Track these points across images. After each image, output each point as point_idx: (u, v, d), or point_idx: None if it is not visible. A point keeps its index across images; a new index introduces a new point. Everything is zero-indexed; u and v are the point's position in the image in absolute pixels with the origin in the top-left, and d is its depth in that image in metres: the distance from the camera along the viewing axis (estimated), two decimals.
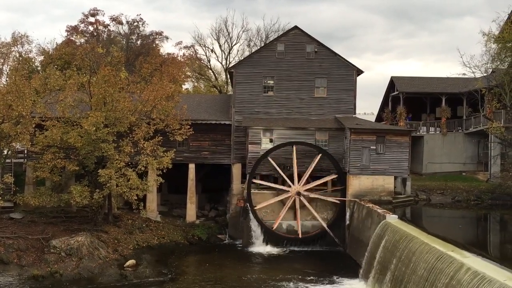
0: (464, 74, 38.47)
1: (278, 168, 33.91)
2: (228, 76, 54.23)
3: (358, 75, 37.69)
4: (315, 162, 33.84)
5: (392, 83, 46.37)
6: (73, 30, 55.23)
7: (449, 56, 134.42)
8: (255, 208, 33.98)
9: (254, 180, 34.44)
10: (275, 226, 33.87)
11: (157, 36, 59.14)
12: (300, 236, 33.97)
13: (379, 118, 49.71)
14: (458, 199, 35.82)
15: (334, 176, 34.29)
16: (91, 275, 26.77)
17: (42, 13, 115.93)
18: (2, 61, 30.70)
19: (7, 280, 25.72)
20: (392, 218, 26.29)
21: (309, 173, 33.98)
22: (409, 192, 35.25)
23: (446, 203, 35.30)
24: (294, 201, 34.10)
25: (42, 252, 28.30)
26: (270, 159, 33.93)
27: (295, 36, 37.09)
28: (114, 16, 56.01)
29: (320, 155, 33.94)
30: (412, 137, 35.88)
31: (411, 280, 20.65)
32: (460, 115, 43.93)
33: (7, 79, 30.59)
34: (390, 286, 22.74)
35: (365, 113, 70.28)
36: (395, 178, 34.52)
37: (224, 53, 62.00)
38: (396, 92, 44.93)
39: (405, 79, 46.58)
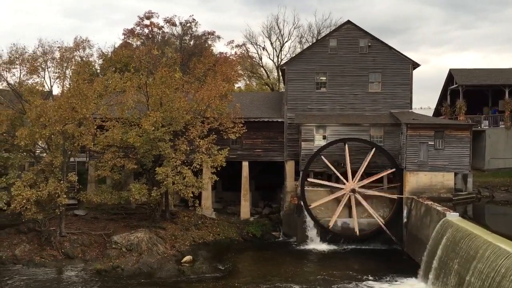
0: None
1: (331, 166, 33.49)
2: (280, 73, 54.22)
3: (414, 68, 36.56)
4: (369, 158, 33.14)
5: (451, 76, 44.60)
6: (130, 33, 57.16)
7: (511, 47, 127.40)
8: (309, 205, 33.77)
9: (308, 179, 34.18)
10: (331, 225, 33.49)
11: (209, 36, 60.05)
12: (356, 234, 33.40)
13: (437, 113, 47.97)
14: None
15: (389, 171, 33.41)
16: (150, 270, 27.65)
17: (102, 18, 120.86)
18: (65, 65, 32.23)
19: (73, 274, 27.09)
20: (452, 216, 25.34)
21: (363, 169, 33.34)
22: (471, 189, 33.80)
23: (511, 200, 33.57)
24: (349, 198, 33.59)
25: (104, 247, 29.59)
26: (323, 157, 33.59)
27: (348, 31, 36.49)
28: (168, 18, 57.48)
29: (374, 149, 33.19)
30: (473, 131, 34.35)
31: (474, 281, 19.82)
32: None
33: (70, 82, 32.08)
34: (451, 286, 21.94)
35: (421, 108, 68.02)
36: (455, 174, 33.19)
37: (276, 51, 62.11)
38: (455, 85, 43.18)
39: (464, 71, 44.65)
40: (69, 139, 29.92)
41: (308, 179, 34.15)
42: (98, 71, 48.79)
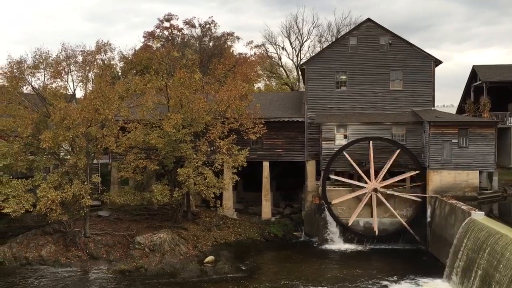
0: None
1: (354, 164, 33.19)
2: (300, 73, 54.06)
3: (436, 65, 36.02)
4: (393, 158, 32.77)
5: (474, 73, 43.82)
6: (150, 35, 57.67)
7: None
8: (331, 205, 33.56)
9: (331, 176, 33.91)
10: (350, 222, 33.21)
11: (228, 37, 60.18)
12: (377, 233, 33.07)
13: (460, 110, 47.19)
14: None
15: (413, 173, 33.00)
16: (173, 270, 27.85)
17: (123, 22, 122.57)
18: (88, 68, 32.75)
19: (98, 274, 27.47)
20: (478, 215, 24.90)
21: (386, 169, 32.97)
22: (496, 187, 33.18)
23: None
24: (371, 198, 33.27)
25: (127, 247, 29.93)
26: (346, 154, 33.27)
27: (368, 29, 36.16)
28: (187, 20, 57.80)
29: (398, 150, 32.82)
30: (498, 128, 33.65)
31: (501, 281, 19.42)
32: None
33: (93, 85, 32.57)
34: (477, 286, 21.53)
35: (444, 105, 67.07)
36: (480, 172, 32.58)
37: (295, 50, 61.95)
38: (478, 82, 42.40)
39: (488, 67, 43.81)
40: (92, 141, 30.37)
41: (331, 176, 33.85)
42: (120, 73, 49.39)
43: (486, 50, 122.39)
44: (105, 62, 34.58)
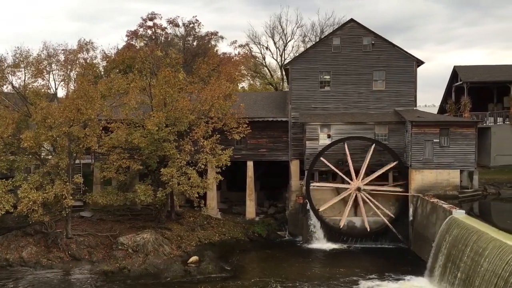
0: None
1: (333, 167, 33.44)
2: (284, 72, 54.18)
3: (418, 66, 36.45)
4: (370, 155, 33.01)
5: (455, 73, 44.46)
6: (133, 34, 57.19)
7: None
8: (318, 209, 33.73)
9: (313, 184, 34.05)
10: (341, 225, 33.42)
11: (212, 36, 60.00)
12: (361, 232, 33.35)
13: (441, 110, 47.84)
14: None
15: (393, 165, 33.24)
16: (157, 271, 27.70)
17: (109, 21, 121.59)
18: (69, 67, 32.38)
19: (80, 275, 27.18)
20: (459, 213, 25.30)
21: (365, 166, 33.22)
22: (477, 186, 33.75)
23: None
24: (355, 197, 33.55)
25: (110, 248, 29.67)
26: (323, 159, 33.50)
27: (351, 29, 36.42)
28: (171, 19, 57.45)
29: (373, 146, 33.08)
30: (478, 128, 34.20)
31: (481, 278, 19.77)
32: None
33: (75, 84, 32.21)
34: (458, 284, 21.89)
35: (425, 105, 68.08)
36: (461, 171, 33.10)
37: (279, 50, 62.10)
38: (459, 82, 43.05)
39: (469, 68, 44.51)
40: (74, 141, 30.02)
41: (313, 184, 33.97)
42: (102, 73, 48.86)
43: (469, 51, 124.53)
44: (87, 61, 34.19)
